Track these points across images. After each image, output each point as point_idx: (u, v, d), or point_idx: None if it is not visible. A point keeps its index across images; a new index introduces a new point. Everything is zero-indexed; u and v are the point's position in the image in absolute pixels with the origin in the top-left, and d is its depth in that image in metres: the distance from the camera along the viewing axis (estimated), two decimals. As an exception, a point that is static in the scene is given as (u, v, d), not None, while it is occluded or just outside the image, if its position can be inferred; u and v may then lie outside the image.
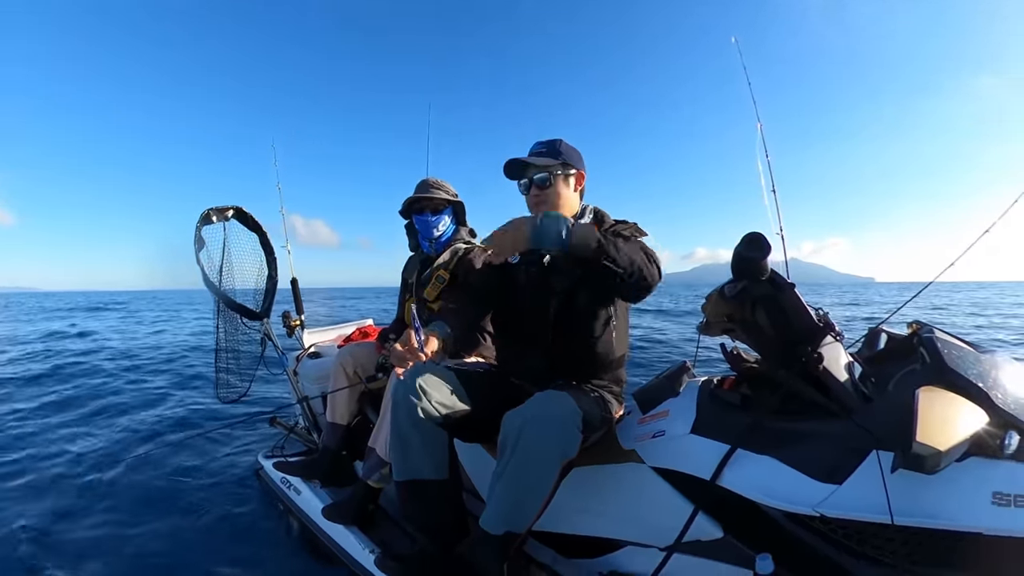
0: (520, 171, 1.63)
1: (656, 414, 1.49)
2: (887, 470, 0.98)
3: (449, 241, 2.31)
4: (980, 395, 0.98)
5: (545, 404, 1.33)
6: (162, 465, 3.10)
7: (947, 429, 0.90)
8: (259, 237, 2.78)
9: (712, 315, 1.50)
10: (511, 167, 1.63)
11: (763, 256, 1.20)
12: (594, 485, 1.49)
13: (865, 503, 0.99)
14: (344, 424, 2.30)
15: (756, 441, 1.20)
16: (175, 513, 2.49)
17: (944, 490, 0.95)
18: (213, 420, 4.18)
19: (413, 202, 2.28)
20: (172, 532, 2.31)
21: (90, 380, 5.76)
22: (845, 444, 1.08)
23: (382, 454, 1.89)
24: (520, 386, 1.60)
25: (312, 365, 2.68)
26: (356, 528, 1.90)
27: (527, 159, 1.61)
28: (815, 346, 1.21)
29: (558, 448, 1.30)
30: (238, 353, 2.76)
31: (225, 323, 2.70)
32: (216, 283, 2.52)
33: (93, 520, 2.43)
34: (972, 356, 1.08)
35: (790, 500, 1.08)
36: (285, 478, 2.36)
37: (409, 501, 1.52)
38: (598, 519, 1.48)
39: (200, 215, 2.48)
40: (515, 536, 1.34)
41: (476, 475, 1.84)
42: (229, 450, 3.40)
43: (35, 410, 4.39)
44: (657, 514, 1.33)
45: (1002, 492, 0.91)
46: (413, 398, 1.44)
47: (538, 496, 1.32)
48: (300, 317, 2.93)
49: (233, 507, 2.54)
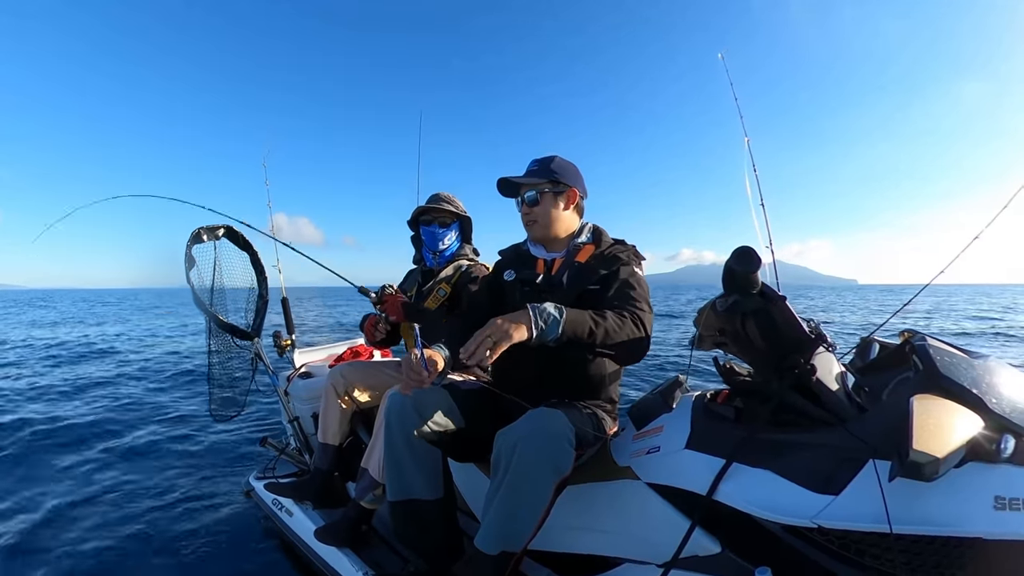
0: (513, 189, 1.64)
1: (650, 430, 1.48)
2: (884, 479, 0.98)
3: (453, 256, 2.32)
4: (975, 400, 0.98)
5: (538, 421, 1.32)
6: (150, 487, 3.06)
7: (943, 435, 0.90)
8: (250, 256, 2.77)
9: (704, 329, 1.50)
10: (502, 187, 1.65)
11: (754, 269, 1.20)
12: (590, 502, 1.47)
13: (863, 513, 0.99)
14: (336, 444, 2.27)
15: (751, 454, 1.20)
16: (164, 535, 2.45)
17: (943, 496, 0.94)
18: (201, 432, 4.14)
19: (422, 212, 2.30)
20: (161, 555, 2.27)
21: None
22: (841, 454, 1.08)
23: (375, 474, 1.87)
24: (513, 404, 1.59)
25: (303, 385, 2.65)
26: (349, 549, 1.87)
27: (513, 178, 1.62)
28: (807, 357, 1.21)
29: (552, 465, 1.28)
30: (231, 372, 2.73)
31: (217, 342, 2.67)
32: (207, 302, 2.50)
33: (75, 541, 2.40)
34: (965, 362, 1.08)
35: (787, 512, 1.08)
36: (276, 500, 2.32)
37: (403, 521, 1.50)
38: (594, 536, 1.46)
39: (191, 234, 2.47)
40: (511, 555, 1.32)
41: (471, 495, 1.82)
42: (219, 471, 3.36)
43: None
44: (654, 530, 1.32)
45: (1002, 496, 0.91)
46: (406, 417, 1.43)
47: (533, 514, 1.30)
48: (291, 337, 2.91)
49: (223, 529, 2.51)
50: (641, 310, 1.45)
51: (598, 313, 1.35)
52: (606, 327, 1.31)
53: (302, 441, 2.73)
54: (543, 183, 1.60)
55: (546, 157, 1.66)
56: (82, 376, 6.77)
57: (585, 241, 1.67)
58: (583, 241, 1.66)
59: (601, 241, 1.67)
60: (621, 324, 1.36)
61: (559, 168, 1.64)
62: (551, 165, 1.63)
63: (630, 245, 1.65)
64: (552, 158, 1.65)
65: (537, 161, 1.66)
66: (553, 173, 1.62)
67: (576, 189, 1.67)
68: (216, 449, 3.80)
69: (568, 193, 1.66)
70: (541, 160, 1.65)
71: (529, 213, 1.62)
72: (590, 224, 1.72)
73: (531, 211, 1.62)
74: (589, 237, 1.68)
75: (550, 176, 1.61)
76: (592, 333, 1.29)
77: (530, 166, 1.66)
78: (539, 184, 1.60)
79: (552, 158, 1.65)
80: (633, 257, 1.60)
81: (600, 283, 1.54)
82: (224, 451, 3.76)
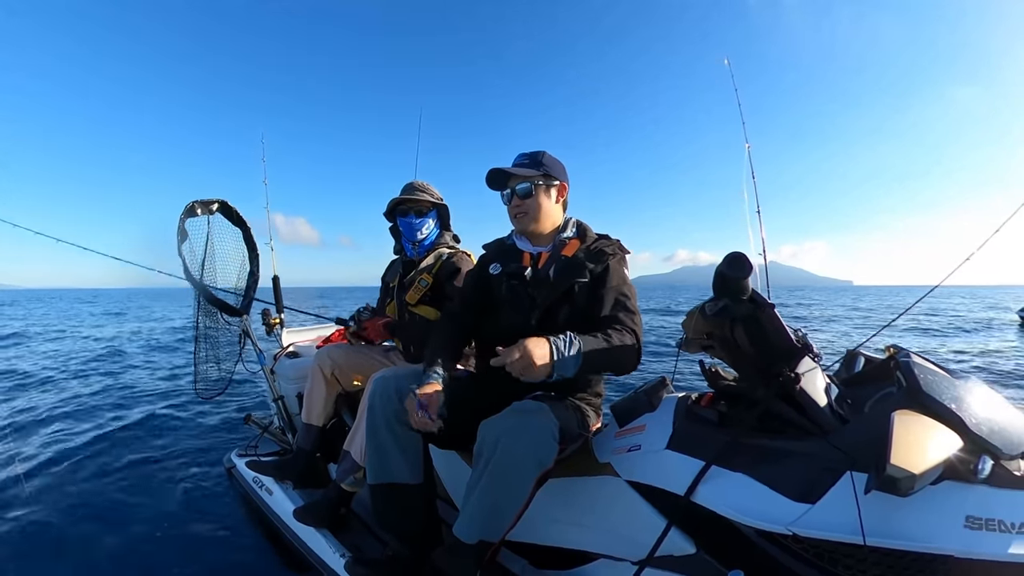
0: (502, 181, 1.63)
1: (633, 428, 1.49)
2: (861, 491, 0.99)
3: (433, 245, 2.30)
4: (954, 420, 0.99)
5: (522, 414, 1.33)
6: (130, 460, 3.05)
7: (921, 452, 0.91)
8: (243, 232, 2.75)
9: (692, 332, 1.50)
10: (493, 177, 1.62)
11: (745, 275, 1.21)
12: (569, 496, 1.48)
13: (838, 523, 1.00)
14: (319, 426, 2.26)
15: (731, 458, 1.20)
16: (142, 510, 2.44)
17: (918, 512, 0.95)
18: (184, 411, 4.11)
19: (398, 204, 2.27)
20: (137, 530, 2.27)
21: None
22: (820, 464, 1.09)
23: (356, 457, 1.86)
24: (498, 395, 1.60)
25: (290, 365, 2.64)
26: (327, 531, 1.87)
27: (509, 169, 1.60)
28: (793, 366, 1.22)
29: (534, 458, 1.29)
30: (217, 349, 2.72)
31: (205, 318, 2.65)
32: (197, 277, 2.48)
33: (57, 519, 2.38)
34: (947, 381, 1.09)
35: (763, 518, 1.08)
36: (257, 478, 2.32)
37: (382, 505, 1.50)
38: (571, 530, 1.47)
39: (184, 207, 2.45)
40: (489, 545, 1.33)
41: (450, 482, 1.82)
42: (200, 446, 3.35)
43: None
44: (630, 528, 1.33)
45: (974, 516, 0.92)
46: (389, 402, 1.43)
47: (513, 506, 1.31)
48: (280, 316, 2.90)
49: (202, 506, 2.50)
50: (637, 323, 1.49)
51: (605, 337, 1.37)
52: (611, 350, 1.35)
53: (286, 421, 2.72)
54: (537, 176, 1.59)
55: (535, 151, 1.65)
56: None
57: (571, 236, 1.66)
58: (568, 236, 1.66)
59: (586, 236, 1.67)
60: (622, 342, 1.38)
61: (550, 163, 1.63)
62: (542, 159, 1.62)
63: (614, 239, 1.65)
64: (542, 152, 1.64)
65: (526, 155, 1.64)
66: (544, 166, 1.61)
67: (566, 184, 1.69)
68: (198, 425, 3.79)
69: (559, 187, 1.66)
70: (531, 154, 1.64)
71: (520, 205, 1.61)
72: (574, 219, 1.72)
73: (523, 203, 1.61)
74: (574, 232, 1.68)
75: (542, 170, 1.61)
76: (605, 366, 1.33)
77: (519, 159, 1.64)
78: (532, 177, 1.59)
79: (542, 152, 1.64)
80: (618, 251, 1.60)
81: (590, 283, 1.53)
82: (206, 427, 3.74)
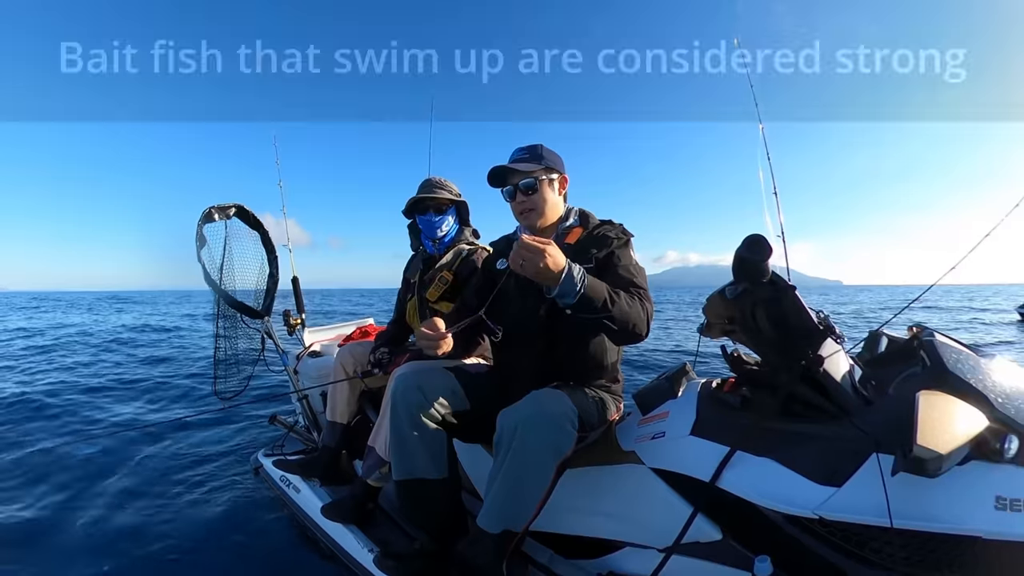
0: (504, 178, 1.61)
1: (656, 415, 1.49)
2: (887, 473, 0.98)
3: (453, 241, 2.29)
4: (980, 398, 0.98)
5: (539, 402, 1.33)
6: (159, 462, 3.11)
7: (948, 432, 0.90)
8: (260, 235, 2.78)
9: (713, 317, 1.49)
10: (495, 175, 1.60)
11: (764, 258, 1.20)
12: (593, 485, 1.49)
13: (864, 506, 0.99)
14: (344, 423, 2.29)
15: (756, 443, 1.20)
16: (173, 511, 2.49)
17: (945, 493, 0.95)
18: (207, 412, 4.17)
19: (416, 202, 2.26)
20: (169, 530, 2.32)
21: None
22: (845, 447, 1.08)
23: (381, 453, 1.88)
24: (517, 386, 1.60)
25: (312, 364, 2.68)
26: (355, 527, 1.90)
27: (511, 165, 1.58)
28: (815, 348, 1.21)
29: (553, 446, 1.30)
30: (237, 351, 2.76)
31: (225, 321, 2.69)
32: (217, 281, 2.51)
33: (87, 514, 2.45)
34: (972, 359, 1.08)
35: (789, 502, 1.08)
36: (284, 476, 2.36)
37: (408, 500, 1.52)
38: (597, 519, 1.48)
39: (202, 213, 2.47)
40: (513, 535, 1.34)
41: (475, 475, 1.84)
42: (228, 448, 3.40)
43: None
44: (656, 515, 1.33)
45: (1003, 496, 0.91)
46: (412, 398, 1.44)
47: (534, 494, 1.32)
48: (301, 316, 2.93)
49: (231, 505, 2.54)
50: (644, 292, 1.45)
51: (613, 289, 1.34)
52: (619, 303, 1.31)
53: (310, 419, 2.76)
54: (539, 169, 1.58)
55: (532, 145, 1.63)
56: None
57: (573, 223, 1.65)
58: (571, 224, 1.65)
59: (589, 222, 1.65)
60: (631, 303, 1.35)
61: (549, 155, 1.62)
62: (542, 152, 1.61)
63: (617, 224, 1.63)
64: (539, 145, 1.62)
65: (524, 149, 1.62)
66: (544, 159, 1.60)
67: (567, 176, 1.68)
68: (224, 427, 3.85)
69: (560, 179, 1.65)
70: (528, 148, 1.62)
71: (525, 201, 1.59)
72: (576, 208, 1.71)
73: (528, 199, 1.58)
74: (576, 219, 1.67)
75: (543, 163, 1.59)
76: (606, 305, 1.27)
77: (518, 154, 1.62)
78: (536, 171, 1.58)
79: (539, 145, 1.62)
80: (622, 234, 1.58)
81: (596, 264, 1.51)
82: (232, 430, 3.80)
